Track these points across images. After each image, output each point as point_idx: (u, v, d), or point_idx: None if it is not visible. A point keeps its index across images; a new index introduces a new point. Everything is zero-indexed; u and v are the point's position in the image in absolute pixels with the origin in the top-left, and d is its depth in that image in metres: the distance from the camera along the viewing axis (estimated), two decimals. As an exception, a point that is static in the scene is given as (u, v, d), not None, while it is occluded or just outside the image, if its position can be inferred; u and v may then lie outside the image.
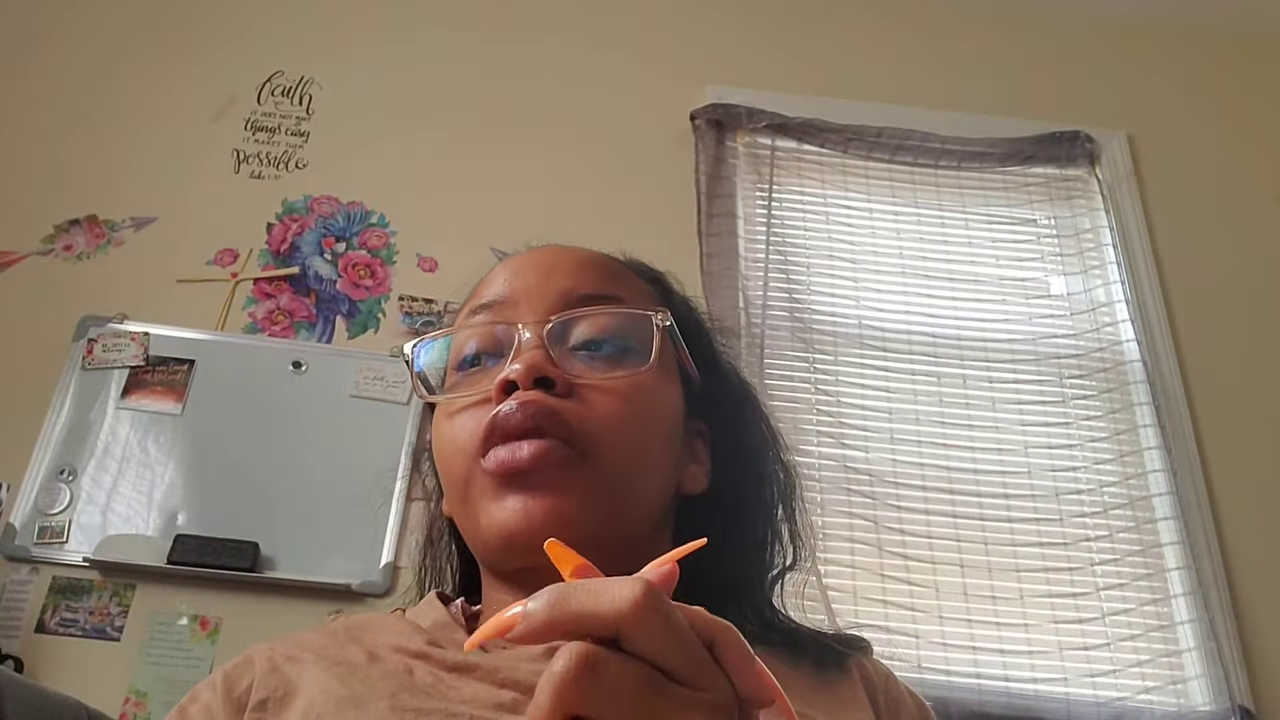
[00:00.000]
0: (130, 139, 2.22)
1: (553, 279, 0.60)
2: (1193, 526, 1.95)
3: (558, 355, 0.56)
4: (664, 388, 0.59)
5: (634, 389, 0.57)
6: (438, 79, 2.38)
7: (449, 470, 0.58)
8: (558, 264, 0.62)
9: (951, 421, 2.05)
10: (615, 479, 0.55)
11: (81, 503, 1.78)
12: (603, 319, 0.58)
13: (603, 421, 0.55)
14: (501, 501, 0.54)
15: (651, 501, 0.58)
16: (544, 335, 0.56)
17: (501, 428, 0.54)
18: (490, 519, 0.54)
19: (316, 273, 2.09)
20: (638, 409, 0.57)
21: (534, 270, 0.62)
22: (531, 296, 0.59)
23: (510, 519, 0.53)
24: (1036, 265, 2.28)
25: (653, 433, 0.58)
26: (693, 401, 0.63)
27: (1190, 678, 1.83)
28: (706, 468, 0.64)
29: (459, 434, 0.57)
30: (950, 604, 1.85)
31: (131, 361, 1.92)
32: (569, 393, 0.55)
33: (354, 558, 1.77)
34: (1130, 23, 2.62)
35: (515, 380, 0.54)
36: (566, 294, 0.59)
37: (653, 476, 0.58)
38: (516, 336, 0.57)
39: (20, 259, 2.05)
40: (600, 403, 0.55)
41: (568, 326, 0.58)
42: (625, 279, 0.64)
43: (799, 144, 2.33)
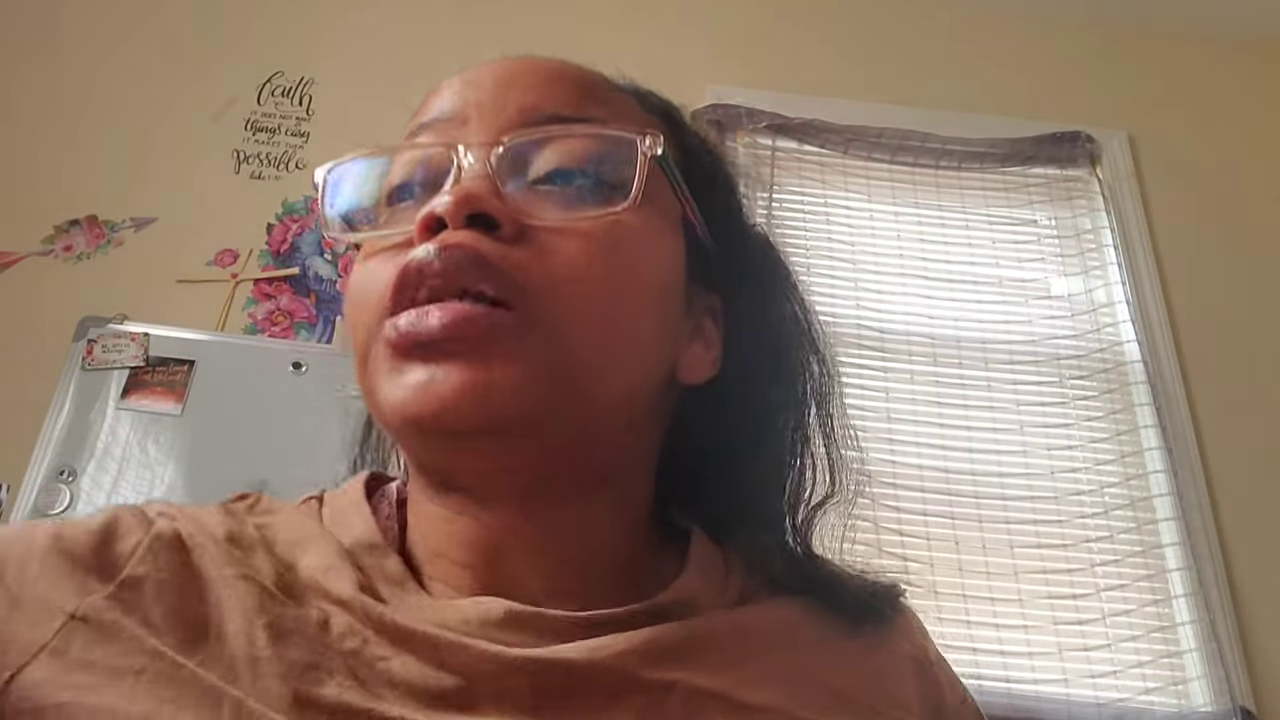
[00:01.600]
0: (130, 139, 2.22)
1: (513, 91, 0.45)
2: (1194, 527, 1.94)
3: (512, 189, 0.42)
4: (655, 237, 0.45)
5: (609, 233, 0.42)
6: (438, 79, 2.37)
7: (353, 329, 0.43)
8: (521, 74, 0.46)
9: (950, 423, 2.05)
10: (574, 351, 0.40)
11: (81, 503, 1.78)
12: (574, 142, 0.43)
13: (560, 274, 0.40)
14: (400, 374, 0.39)
15: (630, 387, 0.43)
16: (491, 160, 0.42)
17: (414, 280, 0.40)
18: (386, 398, 0.40)
19: (317, 273, 2.09)
20: (613, 260, 0.42)
21: (491, 81, 0.46)
22: (484, 112, 0.44)
23: (408, 397, 0.39)
24: (1037, 266, 2.28)
25: (633, 293, 0.43)
26: (701, 266, 0.49)
27: (1191, 679, 1.82)
28: (716, 353, 0.50)
29: (366, 285, 0.42)
30: (949, 605, 1.85)
31: (131, 362, 1.92)
32: (517, 237, 0.41)
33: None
34: (1131, 23, 2.62)
35: (442, 216, 0.40)
36: (528, 111, 0.44)
37: (631, 353, 0.43)
38: (455, 160, 0.42)
39: (20, 259, 2.05)
40: (560, 250, 0.41)
41: (527, 152, 0.43)
42: (612, 99, 0.48)
43: (799, 144, 2.33)
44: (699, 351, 0.49)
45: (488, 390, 0.38)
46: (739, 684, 0.41)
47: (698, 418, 0.50)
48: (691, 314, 0.49)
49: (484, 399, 0.38)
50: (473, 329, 0.39)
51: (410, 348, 0.39)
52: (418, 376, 0.39)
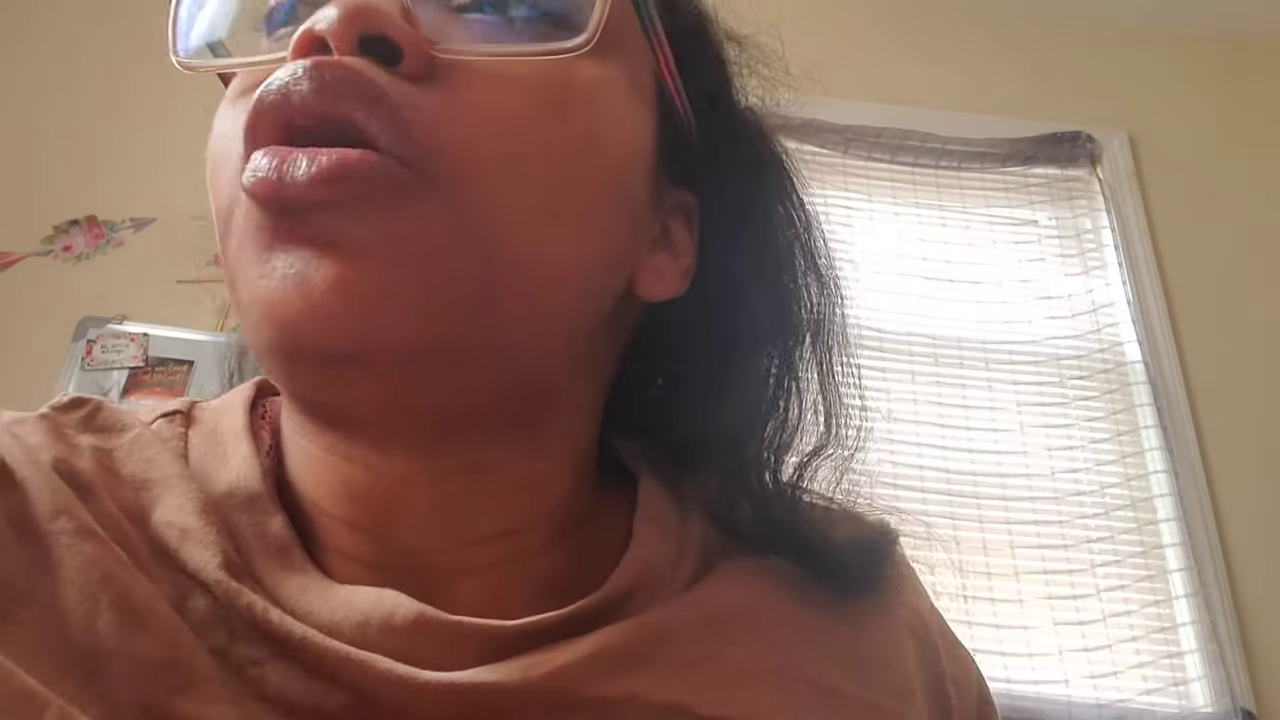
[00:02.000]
0: (130, 139, 2.22)
1: None
2: (1194, 528, 1.94)
3: (425, 12, 0.30)
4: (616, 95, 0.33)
5: (554, 82, 0.31)
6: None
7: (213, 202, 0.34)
8: None
9: (951, 423, 2.05)
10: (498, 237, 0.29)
11: (80, 504, 1.78)
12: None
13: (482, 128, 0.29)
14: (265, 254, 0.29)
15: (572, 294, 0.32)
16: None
17: (270, 111, 0.28)
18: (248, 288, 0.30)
19: (316, 273, 2.09)
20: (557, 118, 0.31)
21: None
22: None
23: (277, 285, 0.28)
24: (1037, 266, 2.28)
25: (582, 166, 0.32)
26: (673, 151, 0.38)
27: (1192, 679, 1.82)
28: (686, 263, 0.39)
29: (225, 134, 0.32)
30: (949, 606, 1.84)
31: (131, 362, 1.92)
32: (426, 73, 0.29)
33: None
34: (1131, 22, 2.62)
35: (324, 35, 0.29)
36: None
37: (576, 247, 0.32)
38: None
39: (19, 260, 2.05)
40: (484, 96, 0.29)
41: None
42: None
43: (799, 144, 2.33)
44: (664, 261, 0.38)
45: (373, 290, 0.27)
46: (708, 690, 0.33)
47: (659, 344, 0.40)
48: (658, 212, 0.38)
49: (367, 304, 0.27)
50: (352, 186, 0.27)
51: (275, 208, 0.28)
52: (279, 265, 0.28)
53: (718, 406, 0.40)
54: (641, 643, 0.33)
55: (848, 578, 0.39)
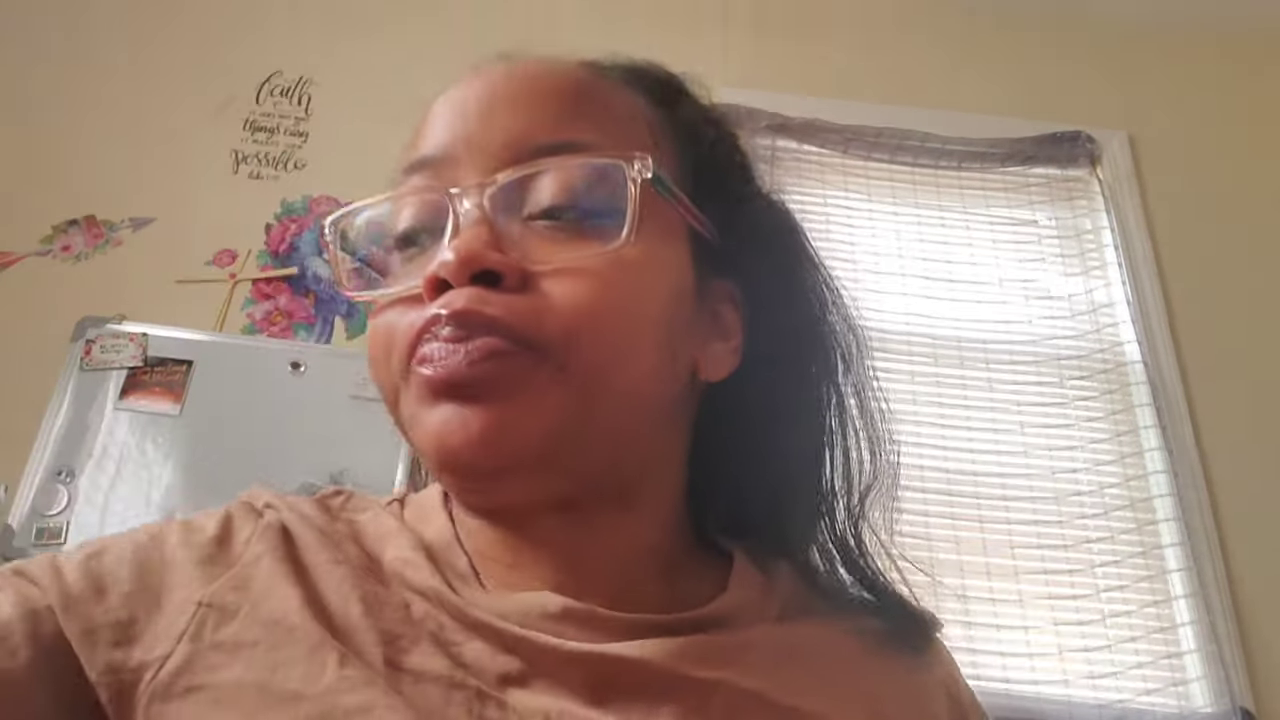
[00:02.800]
0: (129, 139, 2.21)
1: (496, 119, 0.45)
2: (1194, 528, 1.94)
3: (510, 229, 0.43)
4: (656, 260, 0.44)
5: (610, 268, 0.42)
6: (437, 79, 2.37)
7: (377, 378, 0.46)
8: (502, 97, 0.46)
9: (951, 423, 2.05)
10: (588, 381, 0.41)
11: (80, 504, 1.78)
12: (563, 175, 0.43)
13: (567, 320, 0.41)
14: (431, 409, 0.41)
15: (647, 402, 0.44)
16: (485, 204, 0.42)
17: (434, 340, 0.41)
18: (421, 432, 0.42)
19: (315, 273, 2.09)
20: (617, 295, 0.42)
21: (475, 109, 0.46)
22: (474, 147, 0.44)
23: (443, 431, 0.41)
24: (1037, 266, 2.28)
25: (641, 319, 0.43)
26: (712, 256, 0.48)
27: (1191, 679, 1.82)
28: (736, 342, 0.49)
29: (387, 333, 0.44)
30: (949, 606, 1.85)
31: (130, 362, 1.92)
32: (521, 284, 0.41)
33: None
34: (1131, 22, 2.62)
35: (447, 277, 0.41)
36: (515, 144, 0.44)
37: (645, 371, 0.43)
38: (452, 209, 0.42)
39: (18, 259, 2.05)
40: (563, 294, 0.41)
41: (518, 189, 0.43)
42: (600, 102, 0.46)
43: (799, 144, 2.33)
44: (717, 346, 0.48)
45: (511, 427, 0.40)
46: (781, 688, 0.43)
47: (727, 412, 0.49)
48: (705, 307, 0.48)
49: (509, 434, 0.40)
50: (494, 364, 0.40)
51: (439, 385, 0.41)
52: (445, 415, 0.41)
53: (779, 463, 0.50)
54: (731, 646, 0.44)
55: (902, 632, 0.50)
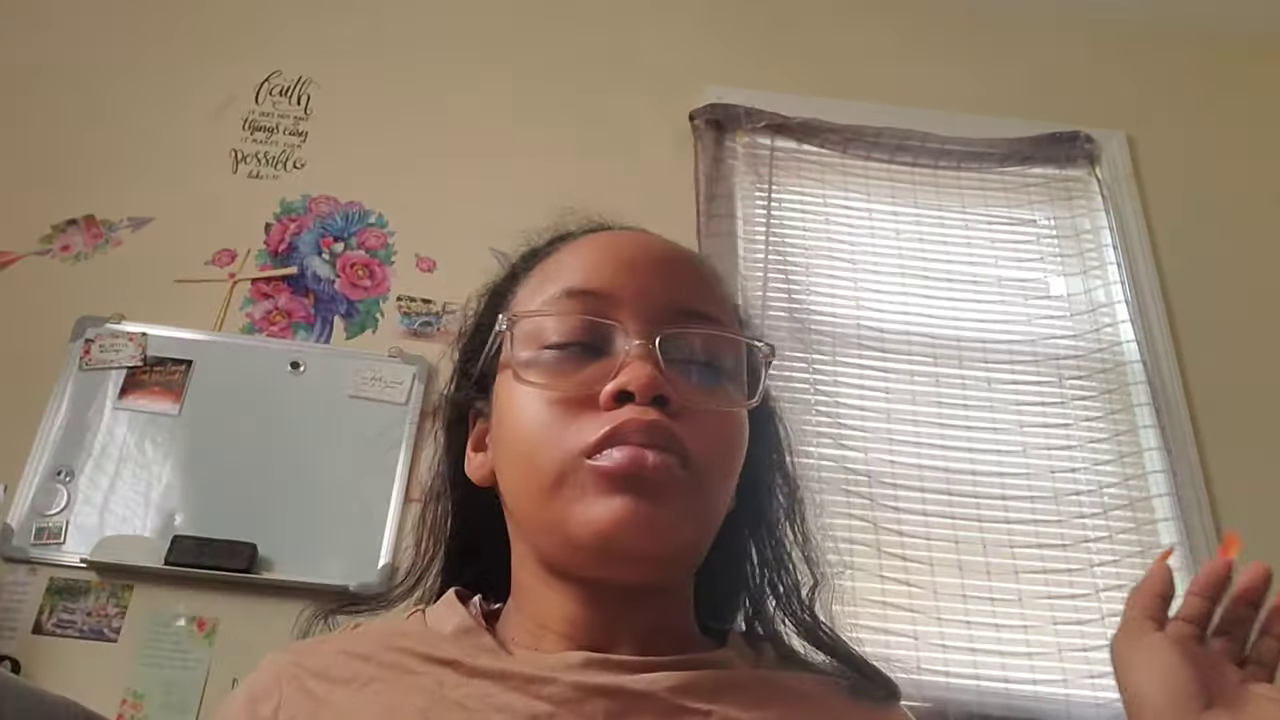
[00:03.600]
0: (128, 139, 2.21)
1: (657, 281, 0.57)
2: (1192, 527, 1.94)
3: (666, 368, 0.54)
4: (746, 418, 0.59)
5: (734, 421, 0.57)
6: (436, 79, 2.37)
7: (533, 459, 0.54)
8: (660, 264, 0.59)
9: (950, 423, 2.05)
10: (708, 505, 0.55)
11: (79, 503, 1.78)
12: (716, 341, 0.57)
13: (709, 450, 0.54)
14: (609, 498, 0.51)
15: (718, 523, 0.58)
16: (656, 347, 0.54)
17: (624, 439, 0.51)
18: (589, 514, 0.51)
19: (315, 273, 2.09)
20: (735, 442, 0.57)
21: (636, 266, 0.58)
22: (638, 297, 0.56)
23: (615, 516, 0.50)
24: (1036, 266, 2.28)
25: (738, 464, 0.58)
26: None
27: (1190, 679, 1.82)
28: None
29: (555, 426, 0.53)
30: (949, 605, 1.85)
31: (129, 362, 1.92)
32: (680, 413, 0.53)
33: (352, 559, 1.77)
34: (1130, 23, 2.62)
35: (634, 393, 0.52)
36: (674, 304, 0.57)
37: (726, 501, 0.58)
38: (622, 342, 0.54)
39: (18, 259, 2.05)
40: (707, 430, 0.54)
41: (677, 340, 0.55)
42: (719, 289, 0.62)
43: (798, 144, 2.33)
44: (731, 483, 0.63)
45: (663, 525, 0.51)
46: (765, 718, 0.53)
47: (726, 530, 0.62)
48: None
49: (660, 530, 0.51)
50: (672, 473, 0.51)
51: (624, 479, 0.51)
52: (627, 503, 0.51)
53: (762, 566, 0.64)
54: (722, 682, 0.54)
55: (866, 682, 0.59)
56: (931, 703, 1.72)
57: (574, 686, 0.51)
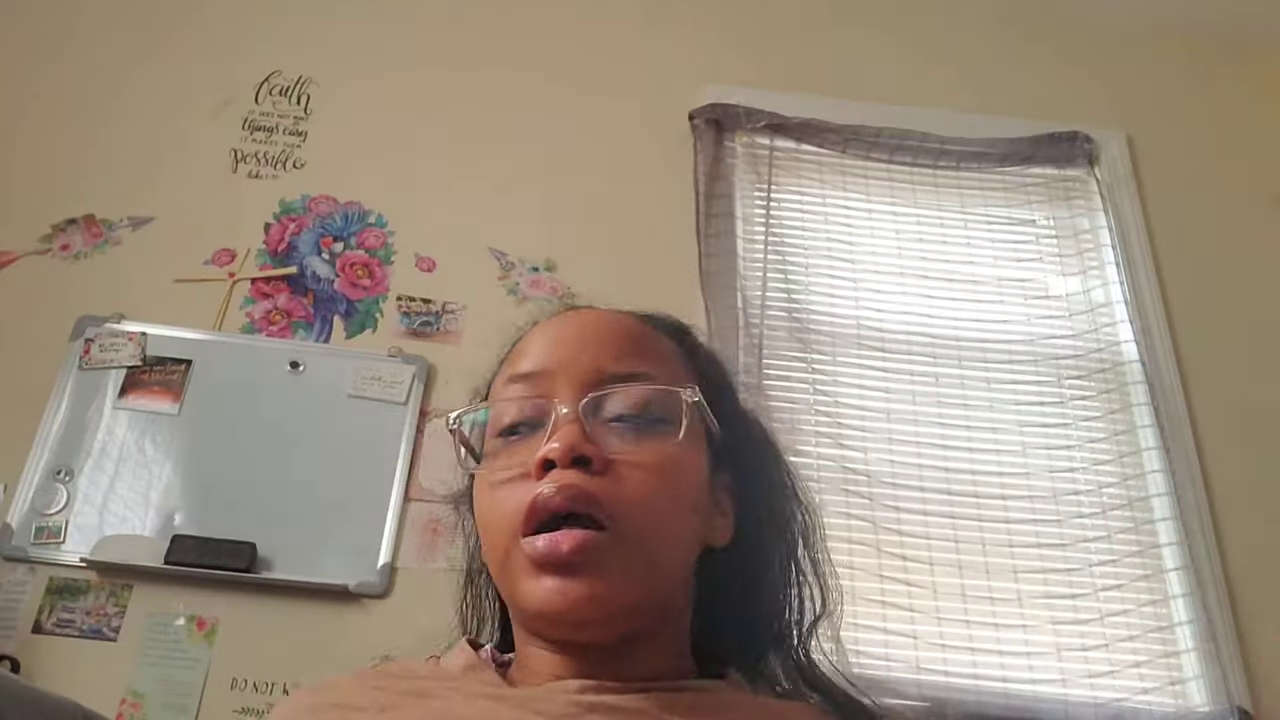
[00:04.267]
0: (128, 138, 2.22)
1: (586, 353, 0.63)
2: (1191, 527, 1.94)
3: (593, 429, 0.59)
4: (691, 454, 0.62)
5: (664, 460, 0.60)
6: (436, 79, 2.37)
7: (491, 539, 0.61)
8: (590, 338, 0.64)
9: (950, 422, 2.05)
10: (646, 552, 0.57)
11: (78, 503, 1.78)
12: (634, 393, 0.61)
13: (634, 497, 0.57)
14: (539, 581, 0.56)
15: (682, 563, 0.61)
16: (579, 412, 0.59)
17: (540, 511, 0.56)
18: (529, 596, 0.57)
19: (314, 272, 2.09)
20: (667, 481, 0.60)
21: (569, 343, 0.64)
22: (569, 370, 0.62)
23: (548, 599, 0.56)
24: (1035, 266, 2.28)
25: (680, 501, 0.61)
26: (716, 457, 0.66)
27: (1188, 679, 1.83)
28: (730, 518, 0.66)
29: (501, 507, 0.59)
30: (948, 605, 1.85)
31: (129, 361, 1.92)
32: (604, 469, 0.58)
33: (351, 558, 1.77)
34: (1129, 23, 2.62)
35: (554, 459, 0.57)
36: (601, 370, 0.62)
37: (680, 542, 0.61)
38: (553, 412, 0.59)
39: (17, 258, 2.05)
40: (632, 478, 0.58)
41: (602, 401, 0.61)
42: (655, 346, 0.66)
43: (797, 144, 2.33)
44: (720, 521, 0.65)
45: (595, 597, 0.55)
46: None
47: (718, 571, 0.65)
48: (713, 492, 0.65)
49: (593, 601, 0.55)
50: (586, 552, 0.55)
51: (545, 564, 0.55)
52: (554, 584, 0.55)
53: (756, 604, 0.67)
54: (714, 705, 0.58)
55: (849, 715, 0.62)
56: (930, 702, 1.72)
57: (571, 703, 0.54)
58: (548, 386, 0.61)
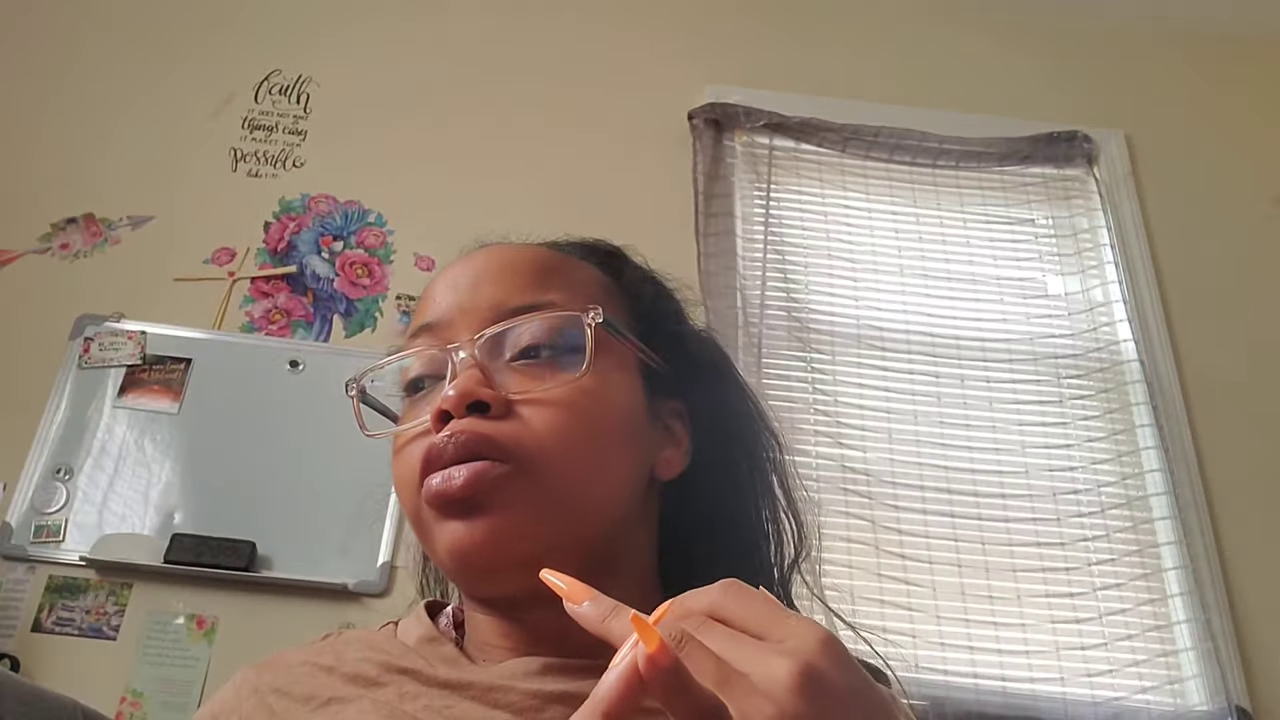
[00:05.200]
0: (128, 137, 2.21)
1: (481, 291, 0.58)
2: (1189, 526, 1.95)
3: (496, 370, 0.55)
4: (612, 383, 0.57)
5: (574, 394, 0.54)
6: (436, 78, 2.37)
7: (403, 501, 0.57)
8: (485, 273, 0.59)
9: (949, 421, 2.05)
10: (561, 487, 0.53)
11: (78, 502, 1.78)
12: (534, 326, 0.56)
13: (541, 437, 0.53)
14: (444, 526, 0.53)
15: (614, 499, 0.56)
16: (476, 353, 0.55)
17: (434, 463, 0.53)
18: (437, 545, 0.54)
19: (314, 271, 2.09)
20: (579, 415, 0.54)
21: (464, 283, 0.59)
22: (465, 312, 0.57)
23: (453, 540, 0.52)
24: (1034, 265, 2.28)
25: (600, 434, 0.55)
26: (660, 382, 0.60)
27: (1187, 677, 1.83)
28: (685, 447, 0.61)
29: (404, 467, 0.56)
30: (947, 604, 1.85)
31: (128, 360, 1.92)
32: (505, 413, 0.53)
33: (351, 557, 1.77)
34: (1128, 23, 2.62)
35: (449, 409, 0.53)
36: (497, 306, 0.57)
37: (610, 475, 0.56)
38: (450, 360, 0.55)
39: (17, 257, 2.05)
40: (538, 417, 0.53)
41: (501, 339, 0.56)
42: (561, 273, 0.60)
43: (797, 143, 2.33)
44: (670, 452, 0.60)
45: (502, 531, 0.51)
46: None
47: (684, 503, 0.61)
48: (658, 423, 0.60)
49: (501, 537, 0.51)
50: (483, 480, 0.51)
51: (444, 505, 0.52)
52: (456, 526, 0.52)
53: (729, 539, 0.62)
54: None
55: None
56: (929, 701, 1.73)
57: (531, 694, 0.51)
58: (449, 333, 0.57)
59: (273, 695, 0.54)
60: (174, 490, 1.81)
